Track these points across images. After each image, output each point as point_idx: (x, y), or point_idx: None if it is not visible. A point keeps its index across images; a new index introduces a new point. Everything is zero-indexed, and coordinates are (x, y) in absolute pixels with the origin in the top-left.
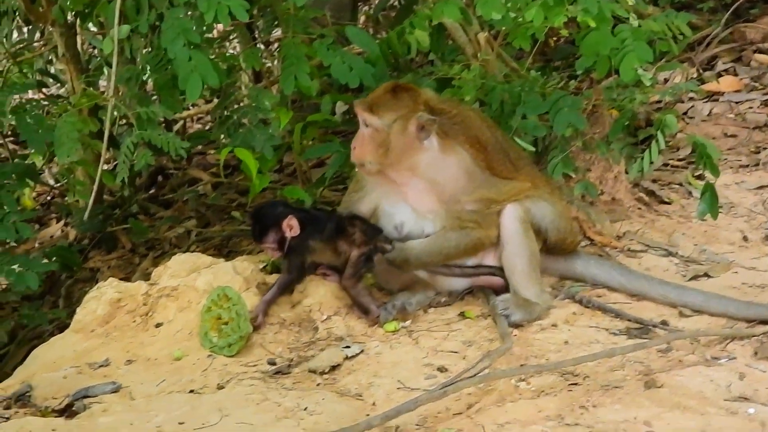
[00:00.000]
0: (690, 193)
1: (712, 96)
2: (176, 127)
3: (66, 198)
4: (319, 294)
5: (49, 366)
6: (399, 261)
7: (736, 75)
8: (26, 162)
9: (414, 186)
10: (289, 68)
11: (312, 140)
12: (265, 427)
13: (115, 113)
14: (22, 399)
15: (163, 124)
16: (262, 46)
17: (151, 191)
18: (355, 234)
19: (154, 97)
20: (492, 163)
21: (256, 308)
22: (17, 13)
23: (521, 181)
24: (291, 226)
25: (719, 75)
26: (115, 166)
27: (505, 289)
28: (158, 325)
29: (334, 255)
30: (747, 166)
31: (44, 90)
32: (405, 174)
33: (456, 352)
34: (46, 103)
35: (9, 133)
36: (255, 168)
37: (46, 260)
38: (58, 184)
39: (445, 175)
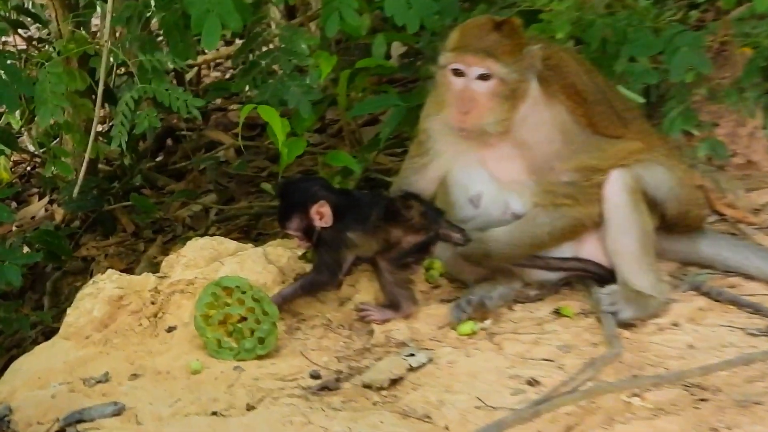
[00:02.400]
0: None
1: None
2: (188, 76)
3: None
4: (375, 288)
5: (33, 382)
6: (478, 256)
7: None
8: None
9: (498, 149)
10: (332, 2)
11: (362, 92)
12: None
13: (112, 61)
14: None
15: (173, 75)
16: None
17: (159, 159)
18: (411, 218)
19: (160, 38)
20: (593, 118)
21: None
22: None
23: (630, 140)
24: (321, 214)
25: None
26: (112, 128)
27: (612, 278)
28: (170, 329)
29: (382, 247)
30: None
31: (21, 32)
32: (494, 134)
33: (550, 361)
34: (23, 48)
35: None
36: (283, 132)
37: (26, 248)
38: (42, 150)
39: (537, 136)
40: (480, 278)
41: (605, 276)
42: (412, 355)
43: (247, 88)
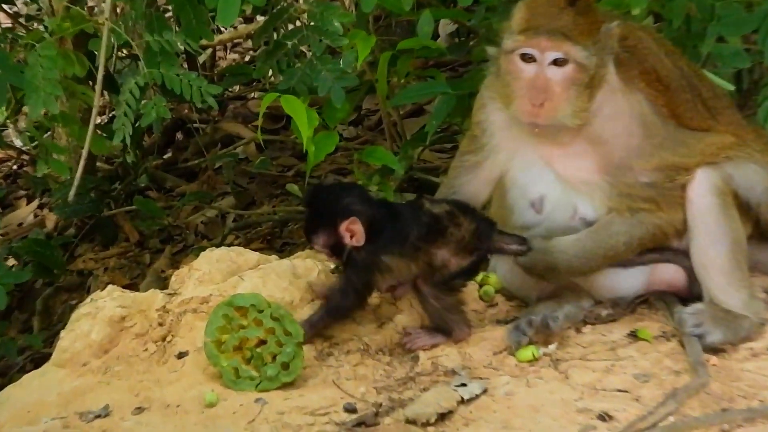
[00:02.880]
0: None
1: None
2: (202, 59)
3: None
4: (420, 307)
5: (22, 417)
6: (541, 268)
7: None
8: None
9: (568, 145)
10: None
11: (405, 78)
12: None
13: (113, 43)
14: None
15: (184, 58)
16: None
17: (167, 156)
18: (461, 238)
19: (169, 15)
20: (677, 109)
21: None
22: None
23: (718, 134)
24: (352, 232)
25: None
26: (113, 120)
27: (697, 294)
28: (181, 355)
29: (424, 271)
30: None
31: (7, 8)
32: (569, 128)
33: (625, 392)
34: (9, 26)
35: None
36: (310, 126)
37: (12, 261)
38: (32, 146)
39: (614, 129)
40: (543, 295)
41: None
42: (464, 385)
43: (270, 73)
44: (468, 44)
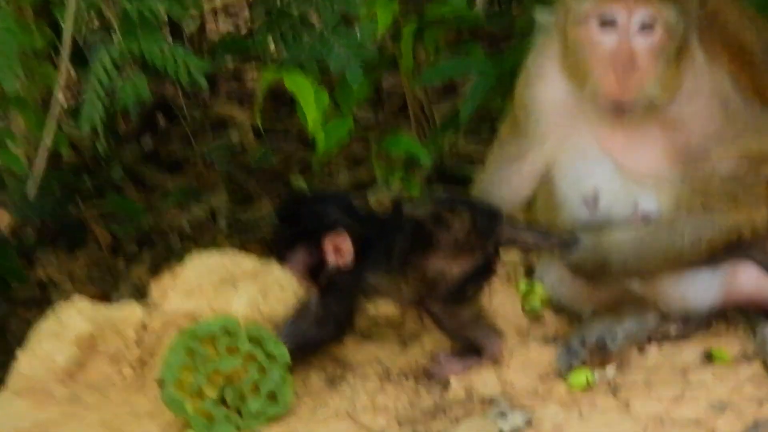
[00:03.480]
0: None
1: None
2: (189, 29)
3: None
4: None
5: None
6: (592, 267)
7: None
8: None
9: (634, 130)
10: None
11: (434, 53)
12: None
13: (82, 9)
14: None
15: (167, 28)
16: None
17: (147, 145)
18: (454, 239)
19: None
20: (762, 87)
21: None
22: None
23: None
24: (338, 249)
25: None
26: (82, 102)
27: None
28: (163, 382)
29: (419, 288)
30: None
31: None
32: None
33: (698, 422)
34: None
35: None
36: (318, 109)
37: None
38: None
39: (693, 110)
40: (599, 308)
41: None
42: (504, 415)
43: (272, 46)
44: (510, 12)
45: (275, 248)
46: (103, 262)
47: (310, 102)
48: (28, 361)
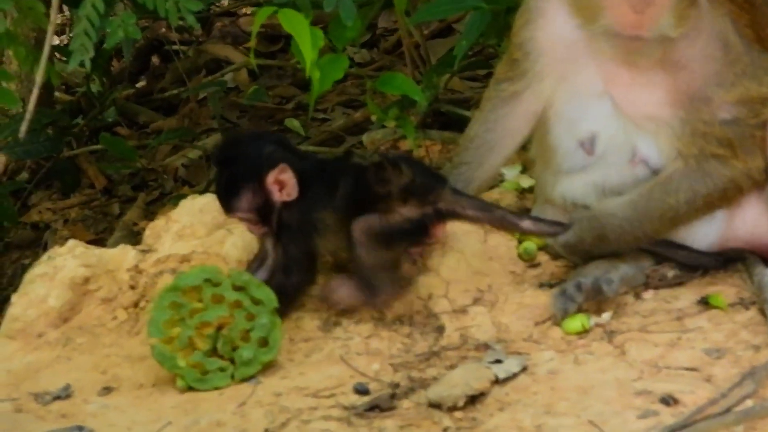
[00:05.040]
0: None
1: None
2: None
3: None
4: (447, 267)
5: None
6: (591, 240)
7: None
8: None
9: (640, 70)
10: None
11: None
12: None
13: None
14: None
15: None
16: None
17: (140, 84)
18: (385, 190)
19: None
20: (762, 30)
21: None
22: None
23: None
24: (282, 183)
25: None
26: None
27: None
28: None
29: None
30: None
31: None
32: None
33: (694, 370)
34: None
35: None
36: (315, 48)
37: None
38: None
39: (695, 51)
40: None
41: None
42: (499, 361)
43: None
44: None
45: (219, 198)
46: (96, 204)
47: (307, 41)
48: (20, 304)
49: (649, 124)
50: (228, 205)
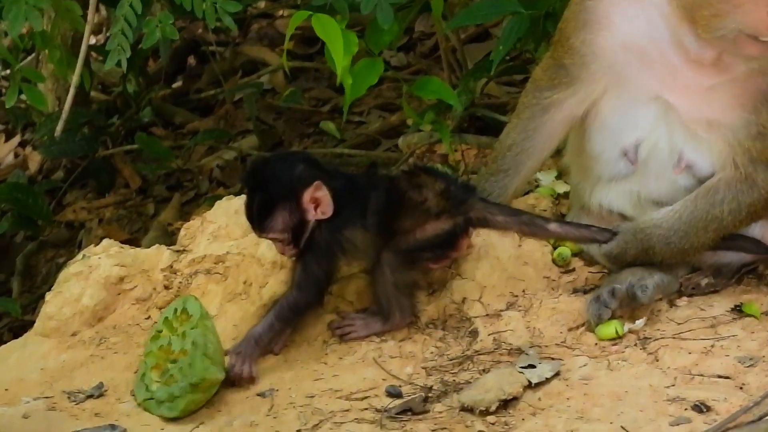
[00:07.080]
0: None
1: None
2: None
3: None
4: (482, 271)
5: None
6: (635, 252)
7: None
8: None
9: (701, 71)
10: None
11: None
12: None
13: None
14: None
15: None
16: None
17: (177, 85)
18: (424, 200)
19: None
20: None
21: (238, 348)
22: None
23: None
24: (317, 201)
25: None
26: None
27: None
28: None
29: (383, 242)
30: None
31: None
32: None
33: (727, 378)
34: None
35: None
36: (347, 54)
37: None
38: (7, 72)
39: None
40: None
41: None
42: (532, 366)
43: None
44: None
45: (251, 219)
46: (131, 204)
47: (339, 48)
48: (55, 303)
49: (705, 128)
50: (262, 225)
